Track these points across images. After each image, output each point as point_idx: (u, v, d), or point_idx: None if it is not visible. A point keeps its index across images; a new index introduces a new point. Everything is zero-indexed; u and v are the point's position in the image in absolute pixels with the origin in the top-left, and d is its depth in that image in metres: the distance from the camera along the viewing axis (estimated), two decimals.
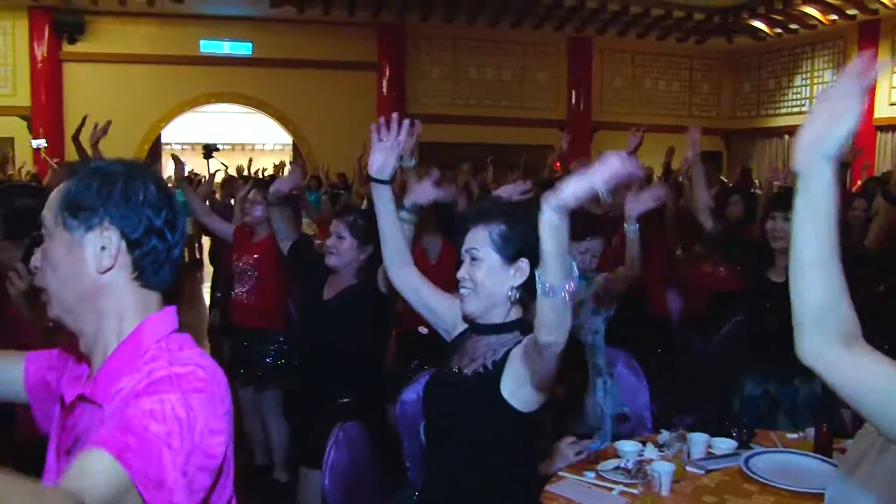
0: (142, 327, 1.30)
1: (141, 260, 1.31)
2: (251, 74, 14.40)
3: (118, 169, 1.33)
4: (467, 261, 2.12)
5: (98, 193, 1.28)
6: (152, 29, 13.97)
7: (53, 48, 13.64)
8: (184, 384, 1.18)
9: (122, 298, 1.31)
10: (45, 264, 1.31)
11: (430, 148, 15.19)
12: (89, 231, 1.28)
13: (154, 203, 1.32)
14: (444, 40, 15.43)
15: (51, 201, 1.32)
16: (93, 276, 1.28)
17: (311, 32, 14.29)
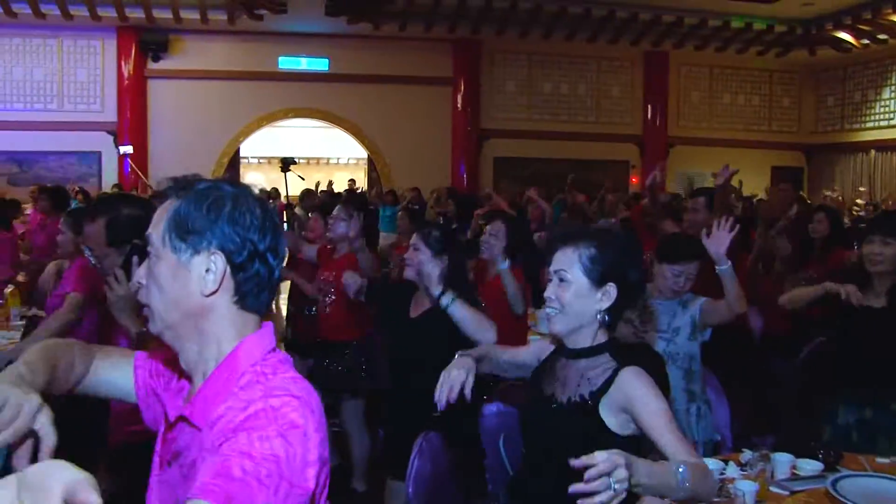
0: (238, 350, 1.31)
1: (243, 284, 1.32)
2: (328, 90, 14.64)
3: (226, 191, 1.33)
4: (555, 281, 2.14)
5: (206, 216, 1.30)
6: (232, 46, 14.34)
7: (139, 66, 14.12)
8: (280, 419, 1.18)
9: (223, 321, 1.32)
10: (151, 282, 1.33)
11: (503, 163, 15.23)
12: (196, 255, 1.30)
13: (259, 227, 1.32)
14: (518, 55, 15.42)
15: (158, 220, 1.33)
16: (196, 298, 1.30)
17: (387, 48, 14.45)
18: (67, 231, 4.20)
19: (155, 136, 14.14)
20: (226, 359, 1.31)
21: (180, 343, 1.34)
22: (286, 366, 1.33)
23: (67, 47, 14.25)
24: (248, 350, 1.32)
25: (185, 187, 1.35)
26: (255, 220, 1.32)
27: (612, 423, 2.04)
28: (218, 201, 1.31)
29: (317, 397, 1.29)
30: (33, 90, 14.24)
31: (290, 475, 1.14)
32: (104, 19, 13.18)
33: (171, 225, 1.31)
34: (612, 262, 2.09)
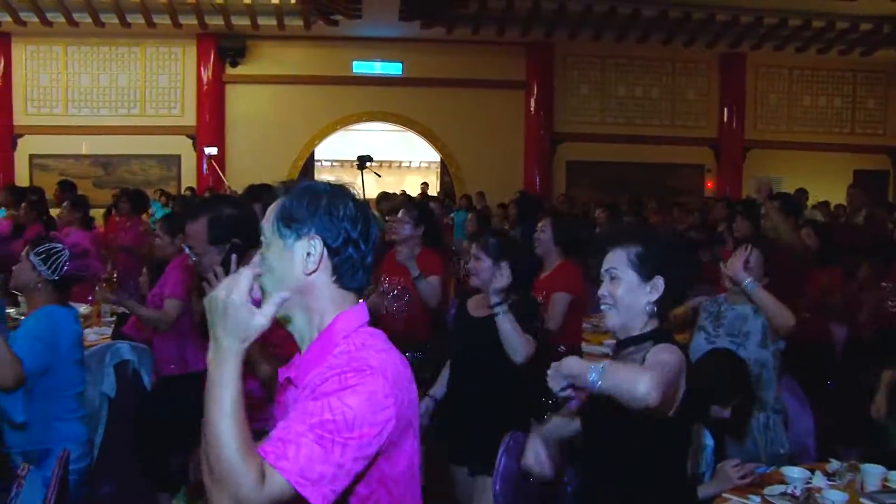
0: (335, 322, 1.55)
1: (340, 265, 1.56)
2: (401, 93, 14.77)
3: (323, 188, 1.59)
4: (607, 280, 2.32)
5: (307, 208, 1.55)
6: (308, 51, 14.59)
7: (217, 71, 14.49)
8: (350, 380, 1.41)
9: (324, 297, 1.56)
10: (264, 266, 1.55)
11: (578, 167, 15.13)
12: (299, 239, 1.54)
13: (352, 217, 1.56)
14: (592, 58, 15.29)
15: (269, 215, 1.59)
16: (300, 277, 1.54)
17: (460, 52, 14.49)
18: (164, 234, 4.35)
19: (232, 140, 14.48)
20: (324, 330, 1.54)
21: (290, 315, 1.56)
22: (375, 338, 1.55)
23: (150, 54, 14.71)
24: (343, 322, 1.54)
25: (290, 187, 1.61)
26: (348, 211, 1.56)
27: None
28: (316, 196, 1.56)
29: (398, 367, 1.51)
30: (118, 96, 14.75)
31: (349, 433, 1.36)
32: (185, 27, 13.58)
33: (279, 216, 1.56)
34: (658, 257, 2.29)
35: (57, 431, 3.03)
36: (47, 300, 3.12)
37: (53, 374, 3.01)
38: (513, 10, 13.04)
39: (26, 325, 3.00)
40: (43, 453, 3.00)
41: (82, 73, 14.72)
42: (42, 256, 3.08)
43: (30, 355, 2.84)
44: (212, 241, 2.63)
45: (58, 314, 3.09)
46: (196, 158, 14.54)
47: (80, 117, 14.68)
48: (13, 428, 2.95)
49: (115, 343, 4.34)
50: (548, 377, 2.17)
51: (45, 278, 3.08)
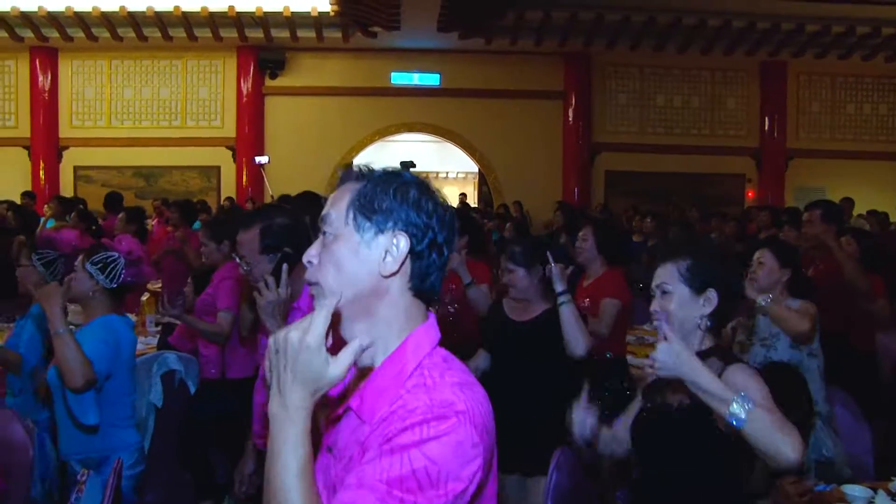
0: (406, 344, 1.32)
1: (419, 271, 1.33)
2: (439, 104, 14.79)
3: (410, 178, 1.36)
4: (658, 295, 2.28)
5: (393, 198, 1.31)
6: (346, 63, 14.68)
7: (257, 83, 14.63)
8: (433, 430, 1.19)
9: (395, 305, 1.33)
10: (326, 261, 1.33)
11: (616, 177, 15.01)
12: (380, 234, 1.31)
13: (440, 218, 1.34)
14: (630, 68, 15.17)
15: (338, 201, 1.35)
16: (374, 278, 1.31)
17: (498, 62, 14.47)
18: (209, 242, 4.39)
19: (271, 151, 14.59)
20: (395, 353, 1.31)
21: (349, 324, 1.32)
22: (453, 367, 1.32)
23: (191, 67, 14.91)
24: (416, 343, 1.32)
25: (364, 173, 1.38)
26: (437, 210, 1.34)
27: (723, 424, 2.07)
28: (404, 186, 1.33)
29: (483, 405, 1.27)
30: (160, 108, 14.96)
31: (436, 491, 1.17)
32: (225, 40, 13.74)
33: (356, 204, 1.32)
34: (709, 269, 2.24)
35: (114, 438, 3.05)
36: (104, 309, 3.14)
37: (114, 380, 3.03)
38: (550, 21, 13.00)
39: (89, 332, 3.02)
40: (101, 460, 3.02)
41: (125, 87, 14.96)
42: (99, 266, 3.10)
43: (97, 358, 2.87)
44: (263, 251, 2.63)
45: (117, 322, 3.13)
46: (235, 169, 14.68)
47: (123, 129, 14.92)
48: (83, 431, 2.97)
49: (163, 353, 4.37)
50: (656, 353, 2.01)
51: (102, 287, 3.11)
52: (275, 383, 1.18)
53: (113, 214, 8.13)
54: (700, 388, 1.97)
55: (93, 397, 2.90)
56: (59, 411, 3.07)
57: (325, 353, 1.14)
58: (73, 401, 2.89)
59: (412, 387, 1.26)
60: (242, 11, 12.86)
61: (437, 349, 1.35)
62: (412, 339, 1.32)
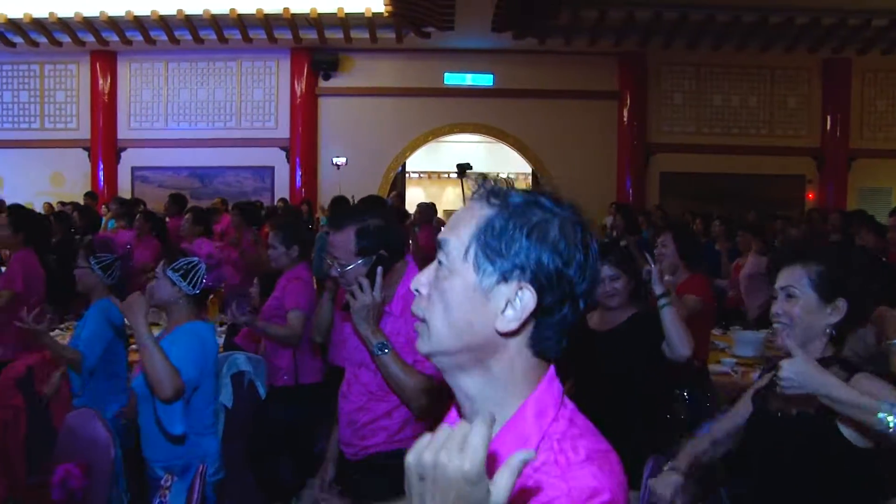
0: (525, 409, 1.12)
1: (545, 329, 1.12)
2: (492, 105, 14.68)
3: (554, 212, 1.12)
4: (782, 297, 2.18)
5: (527, 240, 1.09)
6: (399, 63, 14.66)
7: (310, 84, 14.70)
8: None
9: (511, 366, 1.13)
10: (436, 296, 1.14)
11: (672, 178, 14.76)
12: (502, 283, 1.10)
13: (582, 265, 1.11)
14: (686, 67, 14.88)
15: (458, 225, 1.14)
16: (487, 332, 1.11)
17: (552, 63, 14.32)
18: (279, 245, 4.37)
19: (325, 152, 14.67)
20: (513, 419, 1.11)
21: (455, 374, 1.15)
22: (581, 429, 1.13)
23: (246, 69, 15.03)
24: (538, 407, 1.12)
25: (499, 194, 1.14)
26: (579, 255, 1.10)
27: (848, 434, 2.00)
28: (544, 224, 1.10)
29: (620, 481, 1.10)
30: (215, 109, 15.12)
31: None
32: (279, 41, 13.84)
33: (481, 240, 1.11)
34: (842, 279, 2.13)
35: (197, 446, 3.04)
36: (188, 314, 3.13)
37: (199, 389, 3.02)
38: (606, 20, 12.83)
39: (175, 340, 3.01)
40: (184, 467, 3.01)
41: (181, 88, 15.16)
42: (181, 272, 3.09)
43: (185, 368, 2.85)
44: (358, 253, 2.56)
45: (202, 329, 3.11)
46: (289, 170, 14.78)
47: (179, 131, 15.13)
48: (170, 440, 2.97)
49: (233, 354, 4.37)
50: (782, 371, 1.93)
51: (185, 293, 3.09)
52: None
53: (176, 215, 8.21)
54: (835, 400, 1.89)
55: (181, 407, 2.89)
56: (145, 418, 3.06)
57: (487, 481, 0.89)
58: (162, 411, 2.88)
59: (541, 465, 1.06)
60: (297, 13, 12.94)
61: (561, 409, 1.15)
62: (532, 403, 1.12)
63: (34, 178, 14.90)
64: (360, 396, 2.64)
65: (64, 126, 15.37)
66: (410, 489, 0.93)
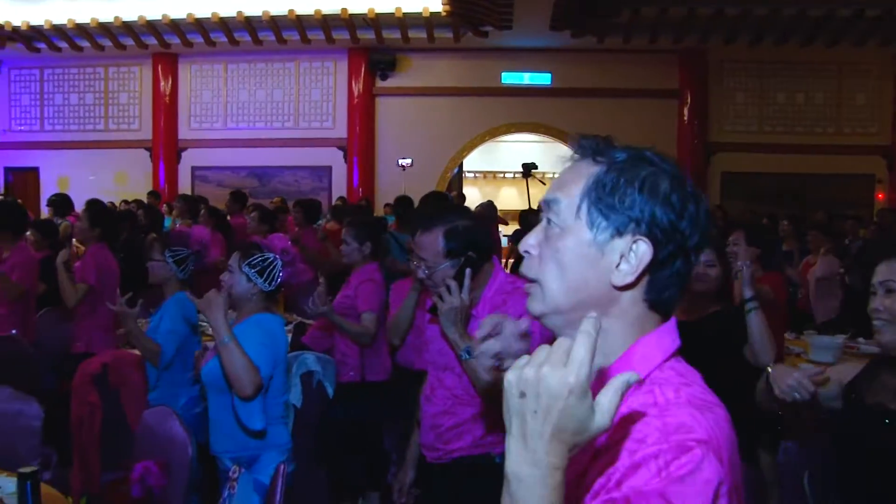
0: (632, 353, 1.11)
1: (659, 281, 1.11)
2: (550, 104, 14.54)
3: (663, 167, 1.13)
4: (881, 293, 2.09)
5: (640, 193, 1.09)
6: (457, 63, 14.64)
7: (368, 84, 14.76)
8: (673, 468, 0.96)
9: (626, 319, 1.12)
10: (549, 257, 1.13)
11: (732, 178, 14.45)
12: (617, 237, 1.09)
13: (693, 218, 1.10)
14: (749, 64, 14.53)
15: (568, 184, 1.14)
16: (605, 287, 1.10)
17: (611, 61, 14.15)
18: (352, 241, 4.36)
19: (382, 152, 14.71)
20: (616, 363, 1.10)
21: (568, 331, 1.09)
22: (688, 380, 1.10)
23: (304, 69, 15.16)
24: (643, 352, 1.10)
25: (603, 150, 1.14)
26: (691, 207, 1.10)
27: None
28: (655, 177, 1.10)
29: (726, 431, 1.04)
30: (273, 110, 15.28)
31: None
32: (337, 41, 13.93)
33: (593, 195, 1.10)
34: None
35: (267, 437, 3.02)
36: (258, 308, 3.12)
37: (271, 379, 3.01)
38: (666, 17, 12.60)
39: (245, 333, 2.99)
40: (252, 458, 3.00)
41: (240, 89, 15.35)
42: (257, 269, 3.07)
43: (260, 362, 2.84)
44: (447, 254, 2.51)
45: (271, 322, 3.10)
46: (346, 169, 14.85)
47: (238, 131, 15.32)
48: (247, 434, 2.96)
49: (302, 353, 4.36)
50: None
51: (260, 289, 3.08)
52: (517, 434, 0.90)
53: (237, 213, 8.29)
54: None
55: (260, 403, 2.87)
56: (217, 410, 3.05)
57: (591, 398, 0.87)
58: (241, 406, 2.87)
59: (639, 406, 1.04)
60: (355, 13, 13.01)
61: (672, 360, 1.12)
62: (639, 347, 1.10)
63: (99, 177, 15.27)
64: (445, 400, 2.59)
65: (127, 127, 15.71)
66: (509, 409, 0.91)
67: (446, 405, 2.58)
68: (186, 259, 3.98)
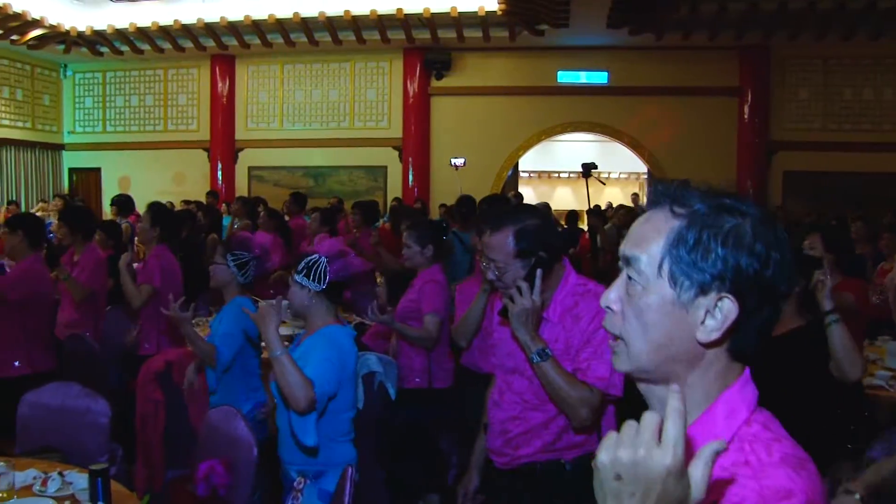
0: (716, 409, 1.08)
1: (745, 332, 1.07)
2: (606, 103, 14.37)
3: (747, 212, 1.07)
4: None
5: (723, 248, 1.04)
6: (512, 62, 14.55)
7: (423, 84, 14.77)
8: None
9: (710, 372, 1.09)
10: (630, 314, 1.10)
11: (796, 177, 14.07)
12: (701, 295, 1.05)
13: (780, 264, 1.05)
14: (813, 60, 14.11)
15: (648, 240, 1.10)
16: (690, 344, 1.07)
17: (669, 59, 13.89)
18: (414, 244, 4.31)
19: (437, 152, 14.69)
20: (701, 419, 1.07)
21: (655, 386, 1.12)
22: (776, 434, 1.07)
23: (359, 69, 15.24)
24: (728, 407, 1.07)
25: (683, 203, 1.09)
26: (775, 254, 1.05)
27: None
28: (737, 229, 1.04)
29: (819, 489, 1.02)
30: (329, 110, 15.39)
31: None
32: (392, 41, 13.96)
33: (674, 254, 1.06)
34: None
35: (332, 453, 2.98)
36: (324, 314, 3.07)
37: (336, 395, 2.96)
38: (727, 13, 12.29)
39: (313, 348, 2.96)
40: (317, 473, 2.97)
41: (297, 90, 15.50)
42: (303, 272, 3.03)
43: (321, 378, 2.79)
44: (518, 255, 2.44)
45: (339, 334, 3.04)
46: (402, 169, 14.88)
47: (294, 131, 15.46)
48: (303, 452, 2.93)
49: (364, 354, 4.32)
50: None
51: (315, 292, 3.03)
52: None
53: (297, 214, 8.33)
54: None
55: (314, 419, 2.81)
56: (282, 421, 3.03)
57: (688, 477, 0.87)
58: (296, 421, 2.83)
59: (731, 465, 1.01)
60: (410, 13, 13.00)
61: (756, 413, 1.10)
62: (723, 403, 1.07)
63: (158, 177, 15.57)
64: (514, 405, 2.52)
65: (185, 128, 15.99)
66: (604, 490, 0.91)
67: (515, 410, 2.51)
68: (248, 264, 3.97)
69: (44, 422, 3.40)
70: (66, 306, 5.28)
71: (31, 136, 15.79)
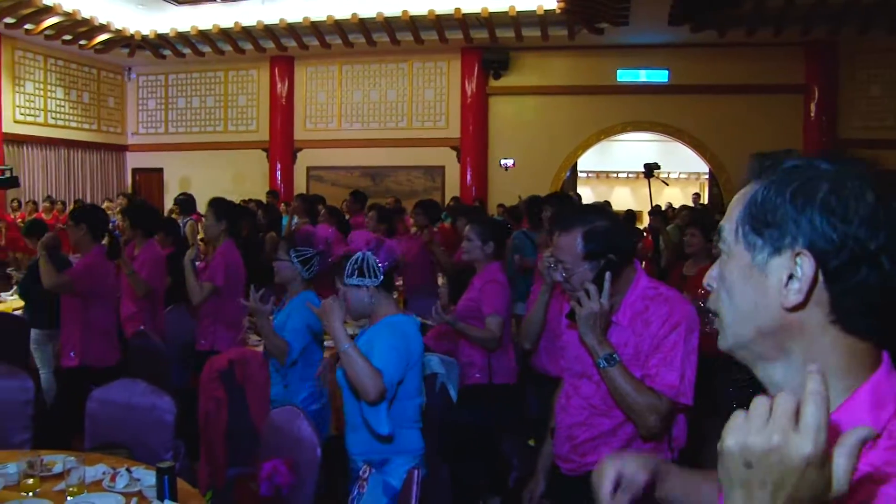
0: (859, 397, 0.96)
1: (843, 297, 0.96)
2: (667, 102, 14.14)
3: (822, 169, 0.99)
4: None
5: (790, 204, 0.98)
6: (571, 61, 14.40)
7: (481, 83, 14.72)
8: None
9: (818, 344, 0.98)
10: (720, 286, 1.07)
11: None
12: (775, 255, 0.99)
13: (869, 218, 0.94)
14: (887, 54, 13.57)
15: (732, 209, 1.07)
16: (775, 311, 0.99)
17: (731, 56, 13.60)
18: (475, 239, 4.27)
19: (495, 151, 14.62)
20: (842, 407, 0.95)
21: (759, 365, 1.04)
22: None
23: (417, 69, 15.26)
24: (875, 397, 0.95)
25: (769, 167, 1.04)
26: (861, 209, 0.95)
27: None
28: (808, 184, 0.97)
29: None
30: (387, 110, 15.45)
31: None
32: (450, 41, 13.94)
33: (747, 215, 1.03)
34: None
35: (399, 440, 2.95)
36: (386, 306, 3.05)
37: (403, 383, 2.93)
38: (793, 8, 11.96)
39: (378, 337, 2.93)
40: (383, 461, 2.94)
41: (355, 90, 15.58)
42: (355, 275, 3.01)
43: (388, 367, 2.77)
44: (586, 256, 2.37)
45: (404, 323, 3.02)
46: (459, 169, 14.84)
47: (352, 131, 15.54)
48: (376, 439, 2.90)
49: (426, 355, 4.29)
50: None
51: (373, 287, 3.01)
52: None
53: (358, 213, 8.33)
54: None
55: (385, 408, 2.80)
56: (350, 412, 3.01)
57: (830, 466, 0.79)
58: (368, 411, 2.81)
59: (883, 464, 0.90)
60: (468, 13, 12.97)
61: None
62: (868, 390, 0.96)
63: (218, 177, 15.80)
64: (581, 411, 2.45)
65: (245, 128, 16.21)
66: (731, 478, 0.84)
67: (582, 416, 2.44)
68: (311, 259, 3.98)
69: (111, 418, 3.43)
70: (125, 300, 5.39)
71: (96, 138, 16.21)
